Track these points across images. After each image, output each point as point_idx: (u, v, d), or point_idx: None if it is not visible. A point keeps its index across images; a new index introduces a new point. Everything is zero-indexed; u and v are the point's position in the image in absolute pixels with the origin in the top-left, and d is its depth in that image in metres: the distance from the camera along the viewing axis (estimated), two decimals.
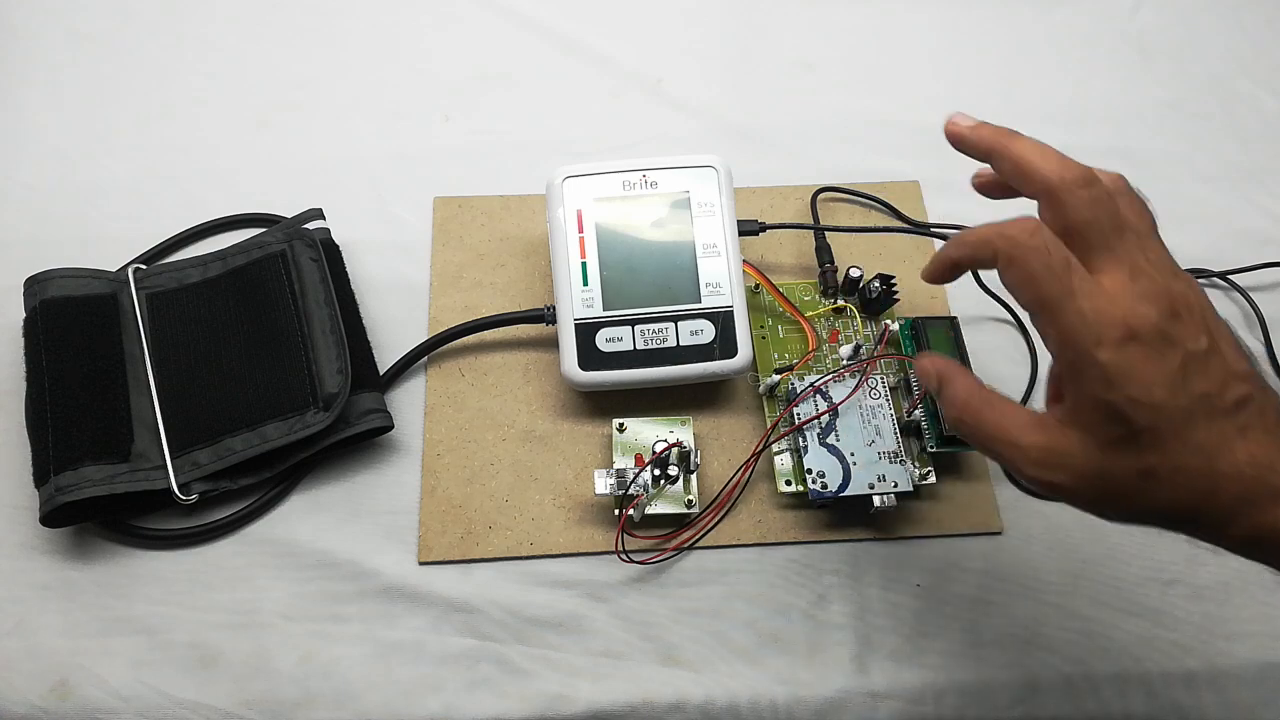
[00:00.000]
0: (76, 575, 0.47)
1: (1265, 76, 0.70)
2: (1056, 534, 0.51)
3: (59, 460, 0.46)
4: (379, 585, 0.48)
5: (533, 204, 0.60)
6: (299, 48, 0.67)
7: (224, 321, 0.52)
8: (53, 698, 0.44)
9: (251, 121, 0.63)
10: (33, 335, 0.50)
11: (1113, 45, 0.71)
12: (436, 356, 0.55)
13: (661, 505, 0.48)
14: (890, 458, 0.49)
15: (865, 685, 0.46)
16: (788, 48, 0.69)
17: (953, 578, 0.49)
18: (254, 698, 0.45)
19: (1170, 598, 0.49)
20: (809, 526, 0.50)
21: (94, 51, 0.66)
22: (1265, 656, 0.47)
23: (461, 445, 0.52)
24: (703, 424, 0.53)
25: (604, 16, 0.70)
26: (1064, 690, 0.46)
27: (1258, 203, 0.63)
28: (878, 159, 0.63)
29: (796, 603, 0.48)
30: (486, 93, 0.66)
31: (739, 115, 0.66)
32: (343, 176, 0.61)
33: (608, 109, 0.66)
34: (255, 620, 0.47)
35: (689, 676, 0.46)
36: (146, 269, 0.54)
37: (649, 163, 0.52)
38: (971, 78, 0.68)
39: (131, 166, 0.61)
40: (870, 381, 0.51)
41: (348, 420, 0.49)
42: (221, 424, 0.49)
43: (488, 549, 0.49)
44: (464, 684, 0.45)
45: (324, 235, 0.55)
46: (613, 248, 0.51)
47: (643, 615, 0.48)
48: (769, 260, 0.58)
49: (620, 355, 0.50)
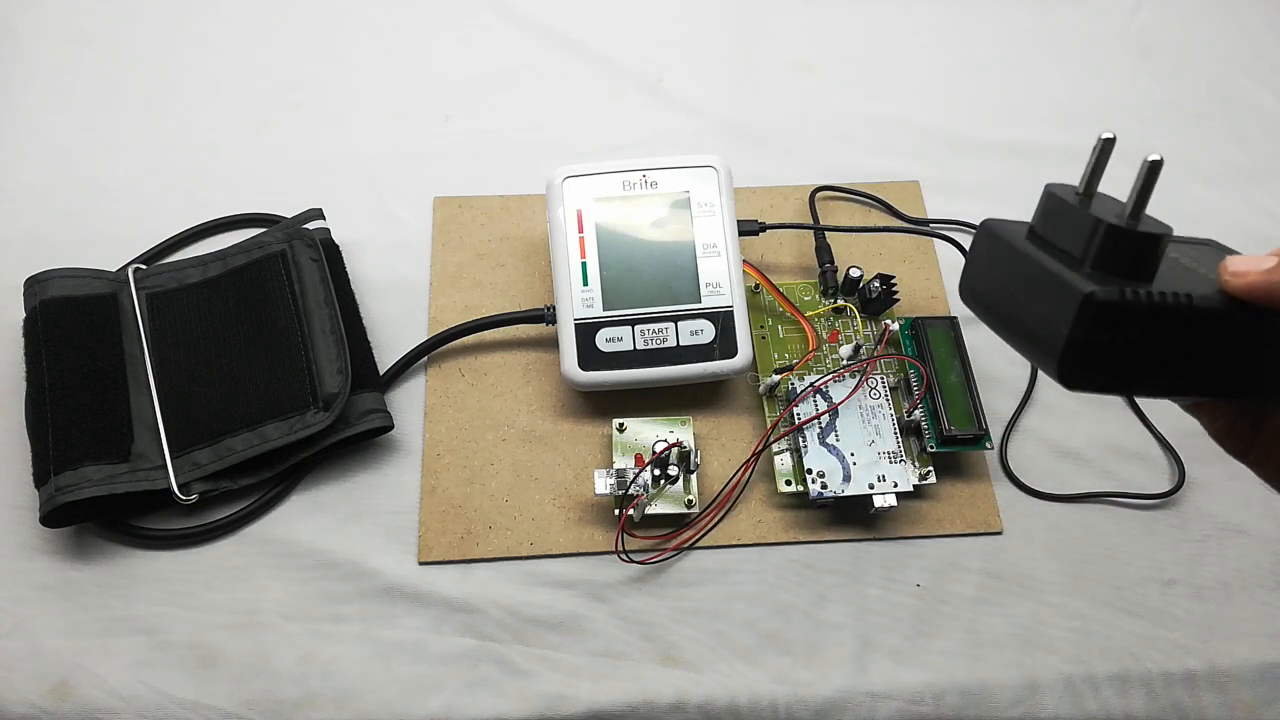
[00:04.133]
0: (76, 575, 0.47)
1: (1265, 76, 0.70)
2: (1056, 534, 0.51)
3: (59, 460, 0.46)
4: (379, 585, 0.48)
5: (533, 204, 0.60)
6: (299, 48, 0.67)
7: (224, 321, 0.52)
8: (53, 698, 0.44)
9: (251, 121, 0.63)
10: (33, 335, 0.50)
11: (1112, 45, 0.71)
12: (436, 356, 0.55)
13: (661, 505, 0.48)
14: (890, 458, 0.49)
15: (865, 685, 0.46)
16: (787, 48, 0.69)
17: (953, 578, 0.49)
18: (254, 698, 0.45)
19: (1170, 598, 0.49)
20: (809, 526, 0.50)
21: (94, 51, 0.66)
22: (1265, 656, 0.47)
23: (461, 445, 0.52)
24: (703, 424, 0.53)
25: (604, 16, 0.70)
26: (1064, 690, 0.46)
27: (1258, 203, 0.63)
28: (877, 159, 0.63)
29: (796, 603, 0.48)
30: (486, 93, 0.66)
31: (739, 115, 0.66)
32: (343, 176, 0.61)
33: (608, 109, 0.66)
34: (255, 620, 0.47)
35: (689, 676, 0.46)
36: (146, 269, 0.54)
37: (649, 163, 0.52)
38: (971, 78, 0.68)
39: (131, 166, 0.61)
40: (870, 381, 0.51)
41: (348, 420, 0.49)
42: (221, 424, 0.49)
43: (488, 549, 0.49)
44: (464, 684, 0.45)
45: (324, 235, 0.55)
46: (613, 248, 0.51)
47: (643, 615, 0.48)
48: (769, 260, 0.58)
49: (620, 355, 0.50)
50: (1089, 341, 0.28)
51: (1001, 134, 0.65)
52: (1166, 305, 0.28)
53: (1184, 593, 0.49)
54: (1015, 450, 0.53)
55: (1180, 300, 0.28)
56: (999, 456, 0.52)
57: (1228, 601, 0.49)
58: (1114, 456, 0.53)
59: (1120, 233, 0.29)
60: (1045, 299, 0.30)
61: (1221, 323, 0.29)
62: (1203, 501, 0.52)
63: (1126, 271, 0.29)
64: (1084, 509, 0.52)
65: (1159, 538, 0.51)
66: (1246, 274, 0.28)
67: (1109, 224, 0.29)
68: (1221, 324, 0.29)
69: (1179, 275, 0.30)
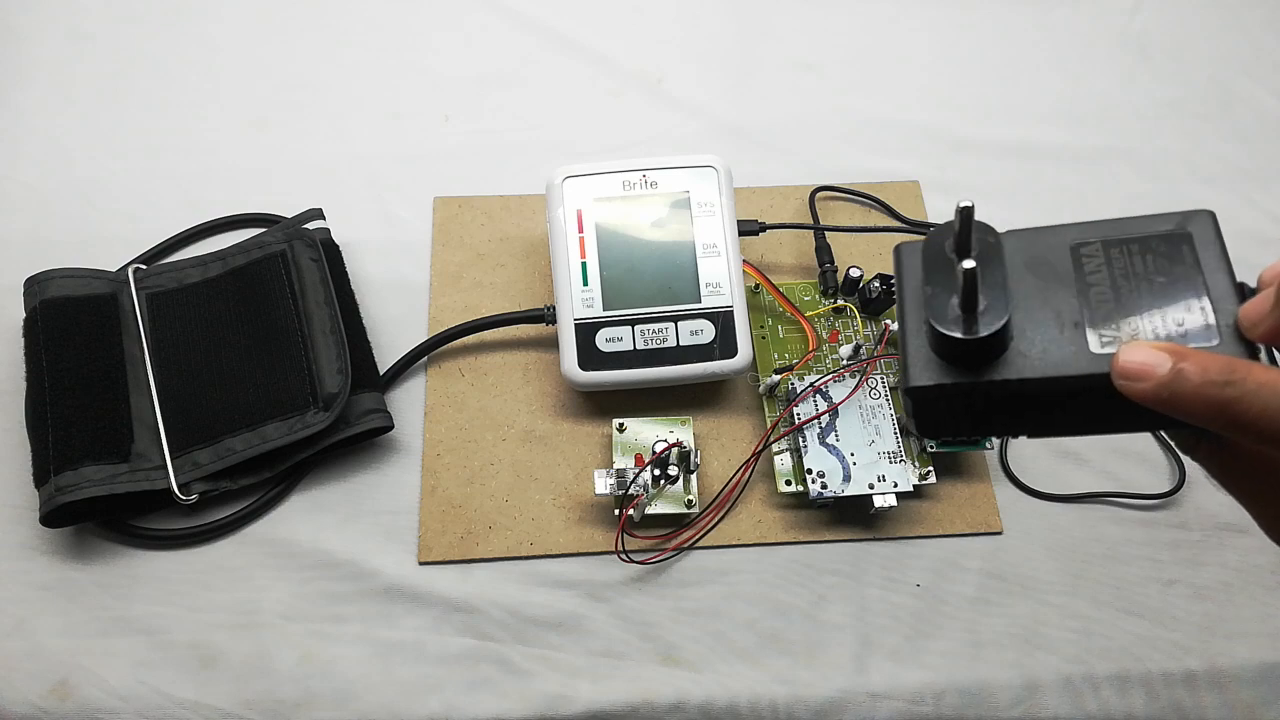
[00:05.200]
0: (76, 575, 0.47)
1: (1265, 76, 0.70)
2: (1056, 534, 0.51)
3: (59, 460, 0.46)
4: (379, 585, 0.48)
5: (533, 204, 0.60)
6: (299, 48, 0.67)
7: (224, 321, 0.52)
8: (53, 698, 0.44)
9: (252, 121, 0.63)
10: (33, 335, 0.50)
11: (1112, 45, 0.71)
12: (436, 356, 0.55)
13: (661, 505, 0.48)
14: (890, 458, 0.49)
15: (865, 685, 0.46)
16: (787, 48, 0.69)
17: (953, 578, 0.49)
18: (254, 698, 0.45)
19: (1170, 598, 0.49)
20: (809, 526, 0.50)
21: (94, 51, 0.66)
22: (1265, 656, 0.47)
23: (461, 445, 0.52)
24: (703, 424, 0.53)
25: (604, 16, 0.70)
26: (1064, 690, 0.46)
27: (1258, 203, 0.63)
28: (877, 159, 0.63)
29: (796, 603, 0.48)
30: (486, 93, 0.66)
31: (739, 115, 0.66)
32: (343, 176, 0.61)
33: (608, 109, 0.66)
34: (255, 620, 0.47)
35: (689, 676, 0.46)
36: (147, 269, 0.54)
37: (649, 163, 0.52)
38: (971, 77, 0.68)
39: (131, 166, 0.61)
40: (870, 381, 0.51)
41: (348, 420, 0.49)
42: (221, 424, 0.49)
43: (488, 549, 0.49)
44: (464, 684, 0.45)
45: (324, 235, 0.55)
46: (612, 248, 0.51)
47: (643, 615, 0.48)
48: (769, 260, 0.58)
49: (620, 355, 0.50)
50: (924, 416, 0.30)
51: (1001, 134, 0.65)
52: (996, 385, 0.29)
53: (1184, 593, 0.49)
54: (1015, 450, 0.53)
55: (1011, 384, 0.29)
56: (999, 456, 0.52)
57: (1228, 601, 0.49)
58: (1114, 456, 0.53)
59: (942, 337, 0.29)
60: (904, 355, 0.31)
61: (1068, 388, 0.29)
62: (1203, 501, 0.52)
63: (961, 358, 0.29)
64: (1084, 509, 0.52)
65: (1159, 538, 0.51)
66: (1145, 380, 0.26)
67: (933, 329, 0.29)
68: (1068, 389, 0.29)
69: (1034, 321, 0.29)
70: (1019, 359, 0.29)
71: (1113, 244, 0.30)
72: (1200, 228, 0.30)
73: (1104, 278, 0.30)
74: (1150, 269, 0.29)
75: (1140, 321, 0.29)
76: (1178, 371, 0.26)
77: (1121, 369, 0.27)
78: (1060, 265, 0.30)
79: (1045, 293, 0.30)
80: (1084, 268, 0.30)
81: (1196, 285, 0.29)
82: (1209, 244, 0.29)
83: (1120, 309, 0.29)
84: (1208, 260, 0.29)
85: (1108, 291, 0.29)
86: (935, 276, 0.30)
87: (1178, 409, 0.26)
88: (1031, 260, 0.31)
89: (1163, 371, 0.26)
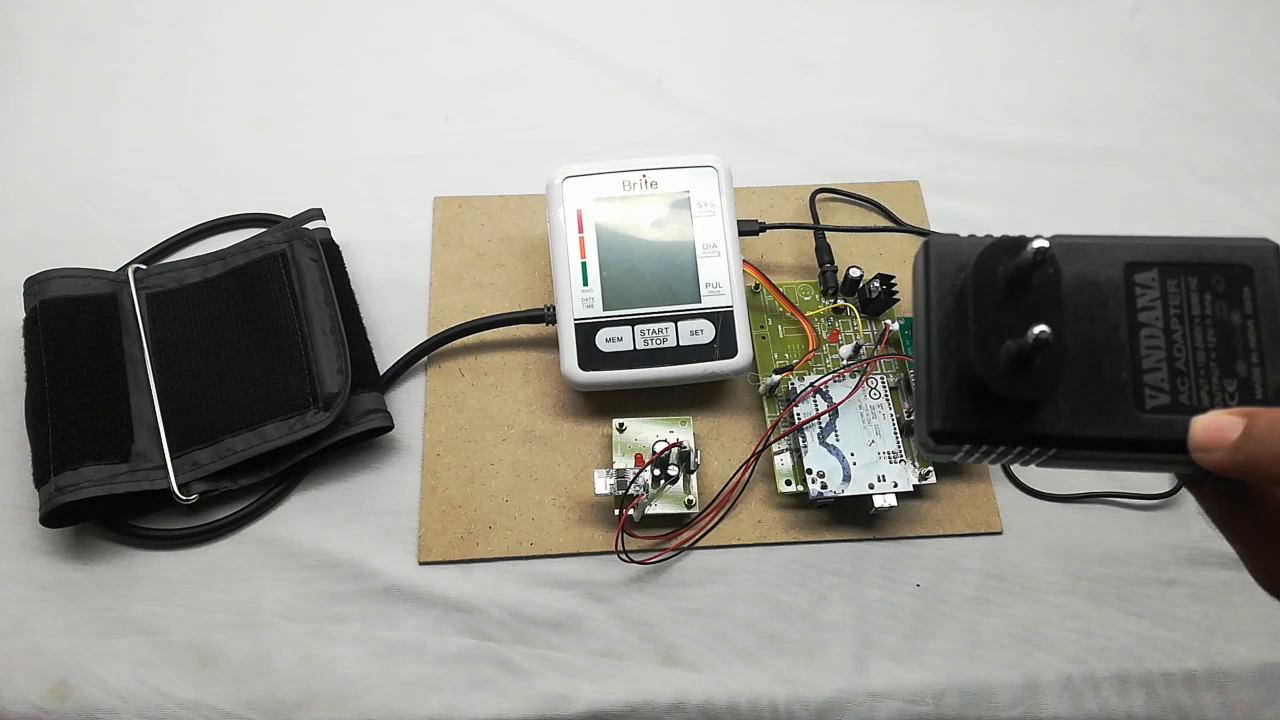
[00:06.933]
0: (76, 575, 0.47)
1: (1265, 76, 0.70)
2: (1056, 534, 0.51)
3: (59, 460, 0.46)
4: (379, 585, 0.48)
5: (533, 204, 0.60)
6: (299, 48, 0.67)
7: (224, 321, 0.52)
8: (53, 698, 0.44)
9: (252, 121, 0.63)
10: (33, 335, 0.50)
11: (1112, 45, 0.71)
12: (436, 356, 0.55)
13: (661, 505, 0.48)
14: (890, 458, 0.49)
15: (865, 685, 0.46)
16: (787, 48, 0.69)
17: (953, 578, 0.49)
18: (254, 698, 0.45)
19: (1170, 598, 0.49)
20: (809, 526, 0.50)
21: (94, 51, 0.66)
22: (1265, 656, 0.47)
23: (461, 445, 0.52)
24: (703, 424, 0.53)
25: (604, 17, 0.70)
26: (1064, 690, 0.46)
27: (1258, 203, 0.63)
28: (877, 159, 0.63)
29: (796, 603, 0.48)
30: (486, 93, 0.66)
31: (739, 115, 0.66)
32: (343, 176, 0.61)
33: (608, 109, 0.66)
34: (255, 620, 0.47)
35: (689, 676, 0.46)
36: (147, 269, 0.54)
37: (649, 163, 0.52)
38: (971, 78, 0.68)
39: (131, 166, 0.61)
40: (870, 381, 0.51)
41: (348, 420, 0.49)
42: (221, 424, 0.49)
43: (488, 549, 0.49)
44: (464, 684, 0.45)
45: (324, 235, 0.55)
46: (612, 248, 0.51)
47: (643, 615, 0.48)
48: (769, 260, 0.58)
49: (620, 355, 0.50)
50: (945, 451, 0.29)
51: (1001, 134, 0.65)
52: (1035, 439, 0.27)
53: (1184, 593, 0.49)
54: None
55: (1051, 439, 0.27)
56: None
57: (1228, 601, 0.49)
58: None
59: (983, 384, 0.27)
60: (927, 386, 0.28)
61: (1108, 444, 0.28)
62: None
63: (999, 407, 0.27)
64: (1084, 509, 0.52)
65: (1159, 538, 0.51)
66: (1214, 450, 0.26)
67: (972, 371, 0.27)
68: (1107, 445, 0.28)
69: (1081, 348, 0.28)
70: (1061, 411, 0.27)
71: (1169, 272, 0.28)
72: (1261, 262, 0.28)
73: (1157, 316, 0.28)
74: (1206, 310, 0.28)
75: (1193, 381, 0.27)
76: (1247, 436, 0.26)
77: (1194, 442, 0.27)
78: (1111, 293, 0.28)
79: (1093, 328, 0.28)
80: (1137, 302, 0.28)
81: (1250, 338, 0.28)
82: (1270, 281, 0.28)
83: (1170, 360, 0.28)
84: (1266, 307, 0.28)
85: (1159, 337, 0.28)
86: (983, 308, 0.27)
87: (1250, 474, 0.26)
88: (1079, 280, 0.28)
89: (1234, 436, 0.26)
